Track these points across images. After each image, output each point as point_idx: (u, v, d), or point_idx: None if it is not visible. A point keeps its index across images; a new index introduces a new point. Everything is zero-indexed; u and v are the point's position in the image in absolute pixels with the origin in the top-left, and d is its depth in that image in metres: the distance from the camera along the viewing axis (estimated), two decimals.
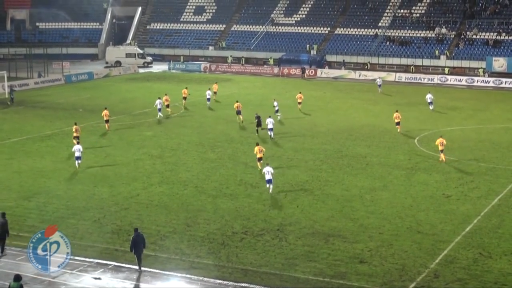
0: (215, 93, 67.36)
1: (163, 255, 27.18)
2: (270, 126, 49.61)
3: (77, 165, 40.11)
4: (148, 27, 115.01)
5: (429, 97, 61.95)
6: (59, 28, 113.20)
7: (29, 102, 66.13)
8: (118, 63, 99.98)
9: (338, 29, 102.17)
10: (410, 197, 35.03)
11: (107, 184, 36.85)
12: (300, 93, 63.36)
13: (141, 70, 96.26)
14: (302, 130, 52.46)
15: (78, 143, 42.31)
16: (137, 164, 41.36)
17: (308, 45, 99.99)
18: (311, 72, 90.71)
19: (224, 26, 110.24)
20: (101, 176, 38.52)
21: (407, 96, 71.47)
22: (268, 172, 35.54)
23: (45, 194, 34.85)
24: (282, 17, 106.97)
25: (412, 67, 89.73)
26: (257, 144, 41.20)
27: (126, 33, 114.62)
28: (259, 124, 50.02)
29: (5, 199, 33.56)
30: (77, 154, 40.18)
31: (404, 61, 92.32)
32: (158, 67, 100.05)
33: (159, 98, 58.15)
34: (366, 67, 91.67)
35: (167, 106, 58.15)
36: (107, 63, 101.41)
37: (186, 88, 67.26)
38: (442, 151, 41.96)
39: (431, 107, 61.13)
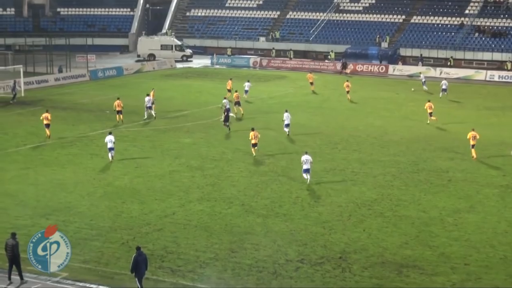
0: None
1: (202, 286, 27.25)
2: (286, 121, 51.12)
3: (110, 158, 44.19)
4: (187, 14, 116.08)
5: None
6: (83, 15, 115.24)
7: (48, 101, 67.36)
8: (151, 57, 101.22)
9: (414, 17, 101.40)
10: (504, 220, 34.44)
11: (137, 200, 37.19)
12: (347, 81, 67.60)
13: (179, 65, 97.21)
14: (370, 138, 52.16)
15: (110, 133, 45.24)
16: (173, 176, 41.66)
17: (378, 37, 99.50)
18: (381, 68, 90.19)
19: (278, 13, 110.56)
20: (130, 190, 38.91)
21: (500, 98, 70.46)
22: (307, 161, 39.07)
23: (65, 211, 35.34)
24: (347, 3, 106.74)
25: (507, 63, 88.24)
26: (253, 129, 46.18)
27: (161, 21, 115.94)
28: (226, 118, 52.84)
29: (20, 216, 34.13)
30: (109, 145, 44.26)
31: (497, 56, 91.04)
32: (199, 62, 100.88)
33: (148, 95, 59.27)
34: (448, 63, 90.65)
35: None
36: (138, 56, 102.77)
37: (231, 79, 67.93)
38: (473, 146, 45.51)
39: None
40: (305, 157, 39.96)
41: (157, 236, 32.08)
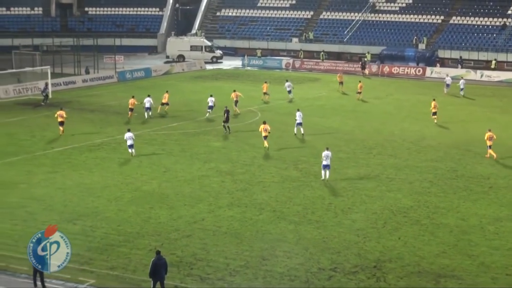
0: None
1: None
2: (299, 120, 52.47)
3: (132, 153, 46.75)
4: (218, 13, 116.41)
5: None
6: (111, 15, 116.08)
7: (76, 103, 67.98)
8: (181, 58, 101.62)
9: (454, 17, 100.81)
10: None
11: (165, 205, 37.39)
12: (360, 81, 68.78)
13: (209, 67, 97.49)
14: (406, 143, 51.96)
15: (129, 130, 47.39)
16: (202, 181, 41.82)
17: (415, 38, 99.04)
18: (418, 71, 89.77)
19: (311, 13, 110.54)
20: (158, 195, 39.13)
21: None
22: (327, 156, 40.81)
23: (92, 216, 35.64)
24: (383, 3, 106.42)
25: None
26: (264, 123, 49.14)
27: (191, 21, 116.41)
28: (227, 119, 53.75)
29: (46, 221, 34.32)
30: (129, 142, 46.67)
31: None
32: (230, 63, 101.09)
33: (149, 95, 61.24)
34: (492, 65, 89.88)
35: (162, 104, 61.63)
36: (167, 57, 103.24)
37: (266, 82, 68.13)
38: (490, 146, 47.17)
39: None
40: (325, 153, 41.25)
41: (186, 242, 32.21)
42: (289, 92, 69.32)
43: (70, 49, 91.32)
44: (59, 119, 53.59)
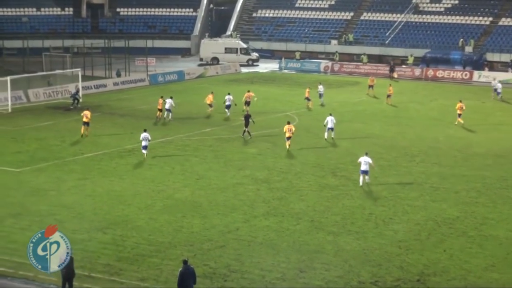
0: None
1: None
2: (330, 125, 52.90)
3: (145, 155, 47.72)
4: (254, 14, 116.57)
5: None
6: (143, 15, 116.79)
7: (106, 107, 68.44)
8: (215, 60, 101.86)
9: (503, 19, 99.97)
10: None
11: (198, 214, 37.39)
12: (390, 85, 69.40)
13: (244, 70, 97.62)
14: (452, 150, 51.54)
15: (145, 130, 48.48)
16: (237, 189, 41.79)
17: (461, 40, 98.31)
18: (465, 75, 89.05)
19: (352, 14, 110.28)
20: (191, 204, 39.15)
21: None
22: (365, 162, 41.37)
23: (123, 224, 35.73)
24: (427, 3, 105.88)
25: None
26: (288, 123, 50.83)
27: (226, 22, 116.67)
28: (246, 124, 54.21)
29: (76, 230, 34.57)
30: (144, 143, 47.93)
31: None
32: (266, 66, 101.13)
33: (171, 97, 62.55)
34: None
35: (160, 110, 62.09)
36: (201, 60, 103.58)
37: (310, 88, 68.20)
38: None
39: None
40: (363, 158, 41.78)
41: (219, 253, 32.16)
42: (320, 96, 69.33)
43: (101, 51, 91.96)
44: (84, 119, 54.37)
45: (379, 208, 38.55)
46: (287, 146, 50.42)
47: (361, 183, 42.05)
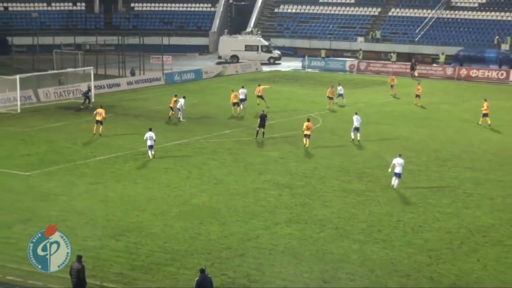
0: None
1: None
2: (356, 124, 53.44)
3: (150, 156, 48.65)
4: (276, 10, 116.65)
5: None
6: (159, 11, 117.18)
7: (120, 108, 68.67)
8: (234, 58, 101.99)
9: None
10: None
11: (216, 221, 37.43)
12: (418, 84, 69.29)
13: (265, 68, 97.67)
14: (487, 154, 51.33)
15: (151, 129, 49.23)
16: (258, 195, 41.80)
17: (497, 37, 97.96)
18: (501, 74, 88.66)
19: (379, 9, 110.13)
20: (209, 209, 39.20)
21: None
22: (399, 164, 42.04)
23: (137, 231, 35.81)
24: None
25: None
26: (308, 120, 52.07)
27: (246, 18, 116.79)
28: (261, 124, 54.44)
29: (88, 237, 34.73)
30: (149, 142, 48.57)
31: None
32: (289, 64, 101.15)
33: (184, 97, 63.20)
34: None
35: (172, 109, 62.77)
36: (220, 58, 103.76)
37: (332, 87, 68.17)
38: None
39: None
40: (397, 160, 42.35)
41: (238, 262, 32.18)
42: (341, 95, 69.38)
43: (114, 48, 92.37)
44: (97, 117, 55.13)
45: (408, 215, 38.42)
46: (306, 144, 51.57)
47: (393, 183, 42.72)
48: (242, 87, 66.33)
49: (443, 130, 59.55)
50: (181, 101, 62.25)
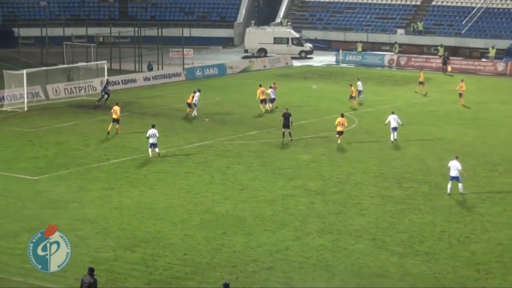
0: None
1: None
2: (393, 124, 53.71)
3: (150, 154, 49.81)
4: None
5: None
6: (179, 0, 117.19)
7: (136, 106, 68.91)
8: (262, 52, 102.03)
9: None
10: None
11: (242, 230, 37.46)
12: (462, 80, 69.96)
13: (296, 63, 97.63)
14: None
15: (154, 126, 50.50)
16: (287, 202, 41.81)
17: None
18: None
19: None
20: (233, 218, 39.25)
21: None
22: (454, 167, 42.36)
23: (154, 242, 35.90)
24: None
25: None
26: (342, 115, 53.95)
27: (275, 8, 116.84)
28: (286, 124, 54.61)
29: (100, 248, 34.89)
30: (152, 140, 49.68)
31: None
32: (321, 59, 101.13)
33: (199, 90, 64.00)
34: None
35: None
36: (246, 51, 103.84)
37: (351, 85, 68.48)
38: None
39: None
40: (453, 163, 42.67)
41: (266, 276, 32.20)
42: (360, 92, 69.39)
43: (130, 40, 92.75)
44: (113, 116, 56.43)
45: (454, 225, 38.28)
46: (339, 141, 53.50)
47: (448, 191, 42.69)
48: (273, 83, 66.84)
49: (493, 131, 59.24)
50: (197, 95, 62.78)
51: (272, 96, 65.66)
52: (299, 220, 38.83)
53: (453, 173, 42.44)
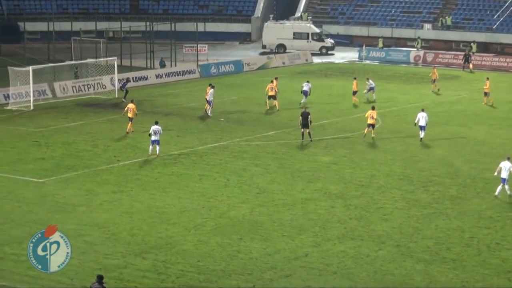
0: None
1: None
2: (422, 123, 54.37)
3: (150, 151, 50.78)
4: None
5: None
6: None
7: (147, 104, 69.04)
8: (281, 48, 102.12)
9: None
10: None
11: (259, 236, 37.51)
12: (487, 78, 70.22)
13: (317, 60, 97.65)
14: None
15: (157, 123, 51.36)
16: (306, 206, 41.85)
17: None
18: None
19: None
20: (250, 223, 39.30)
21: None
22: (505, 168, 42.45)
23: (166, 248, 35.98)
24: None
25: None
26: (373, 108, 55.91)
27: (295, 2, 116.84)
28: (305, 124, 54.69)
29: (109, 254, 35.00)
30: (154, 137, 50.56)
31: None
32: (343, 55, 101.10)
33: (213, 86, 64.20)
34: None
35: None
36: (264, 47, 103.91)
37: (355, 78, 69.52)
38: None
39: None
40: (504, 164, 42.90)
41: (284, 284, 32.24)
42: (369, 90, 69.66)
43: (141, 36, 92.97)
44: (128, 114, 57.21)
45: (483, 230, 38.23)
46: (372, 134, 55.41)
47: (497, 193, 42.96)
48: (307, 82, 67.22)
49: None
50: (211, 91, 62.91)
51: (305, 88, 67.51)
52: (319, 225, 38.86)
53: (504, 174, 42.66)
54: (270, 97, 65.40)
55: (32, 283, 31.42)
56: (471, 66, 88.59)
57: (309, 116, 54.72)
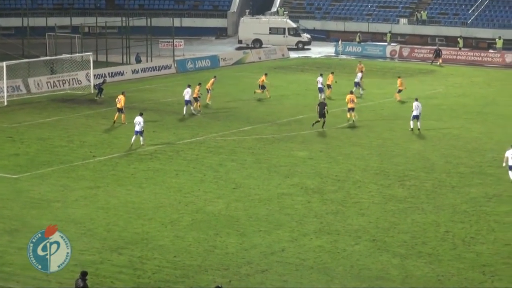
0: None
1: None
2: (415, 112, 55.72)
3: (132, 141, 51.95)
4: None
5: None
6: None
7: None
8: (257, 43, 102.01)
9: None
10: None
11: (235, 231, 37.52)
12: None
13: (293, 54, 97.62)
14: None
15: (141, 114, 52.70)
16: (283, 201, 41.88)
17: None
18: None
19: None
20: (226, 218, 39.30)
21: None
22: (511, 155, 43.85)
23: (142, 244, 35.95)
24: None
25: None
26: (351, 92, 58.94)
27: None
28: (322, 114, 56.70)
29: (85, 250, 34.92)
30: (137, 128, 51.64)
31: None
32: (320, 50, 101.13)
33: (189, 86, 62.98)
34: None
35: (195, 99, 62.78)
36: (240, 42, 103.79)
37: (332, 73, 69.67)
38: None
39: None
40: (510, 152, 44.34)
41: (260, 279, 32.27)
42: (356, 85, 69.98)
43: (117, 31, 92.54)
44: (117, 105, 58.57)
45: (458, 225, 38.37)
46: (353, 117, 58.07)
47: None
48: (321, 75, 68.57)
49: (501, 126, 59.21)
50: (188, 91, 61.82)
51: (319, 86, 68.00)
52: (296, 220, 38.91)
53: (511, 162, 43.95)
54: (260, 86, 67.96)
55: (7, 279, 31.49)
56: (440, 60, 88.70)
57: (326, 107, 56.98)
